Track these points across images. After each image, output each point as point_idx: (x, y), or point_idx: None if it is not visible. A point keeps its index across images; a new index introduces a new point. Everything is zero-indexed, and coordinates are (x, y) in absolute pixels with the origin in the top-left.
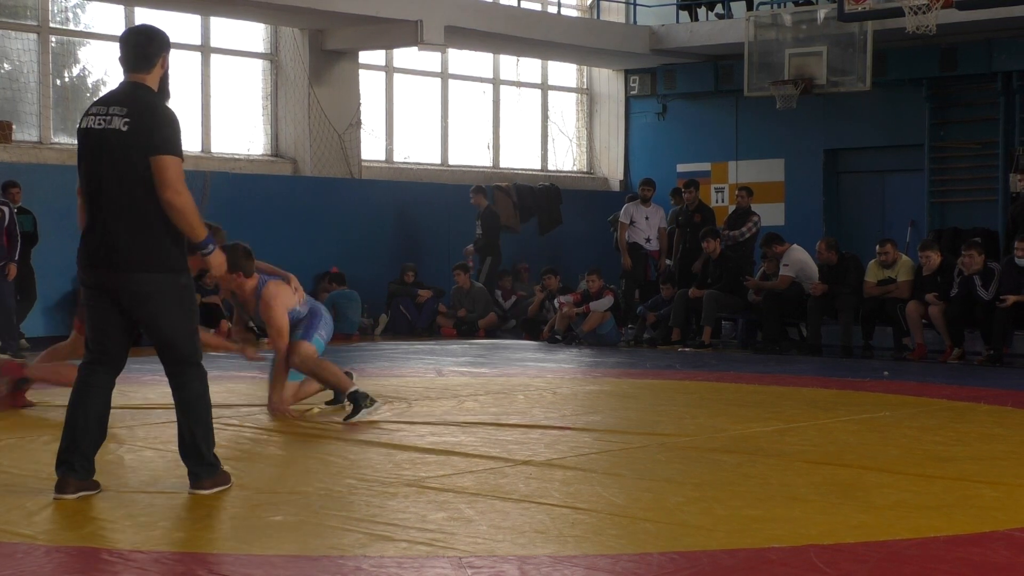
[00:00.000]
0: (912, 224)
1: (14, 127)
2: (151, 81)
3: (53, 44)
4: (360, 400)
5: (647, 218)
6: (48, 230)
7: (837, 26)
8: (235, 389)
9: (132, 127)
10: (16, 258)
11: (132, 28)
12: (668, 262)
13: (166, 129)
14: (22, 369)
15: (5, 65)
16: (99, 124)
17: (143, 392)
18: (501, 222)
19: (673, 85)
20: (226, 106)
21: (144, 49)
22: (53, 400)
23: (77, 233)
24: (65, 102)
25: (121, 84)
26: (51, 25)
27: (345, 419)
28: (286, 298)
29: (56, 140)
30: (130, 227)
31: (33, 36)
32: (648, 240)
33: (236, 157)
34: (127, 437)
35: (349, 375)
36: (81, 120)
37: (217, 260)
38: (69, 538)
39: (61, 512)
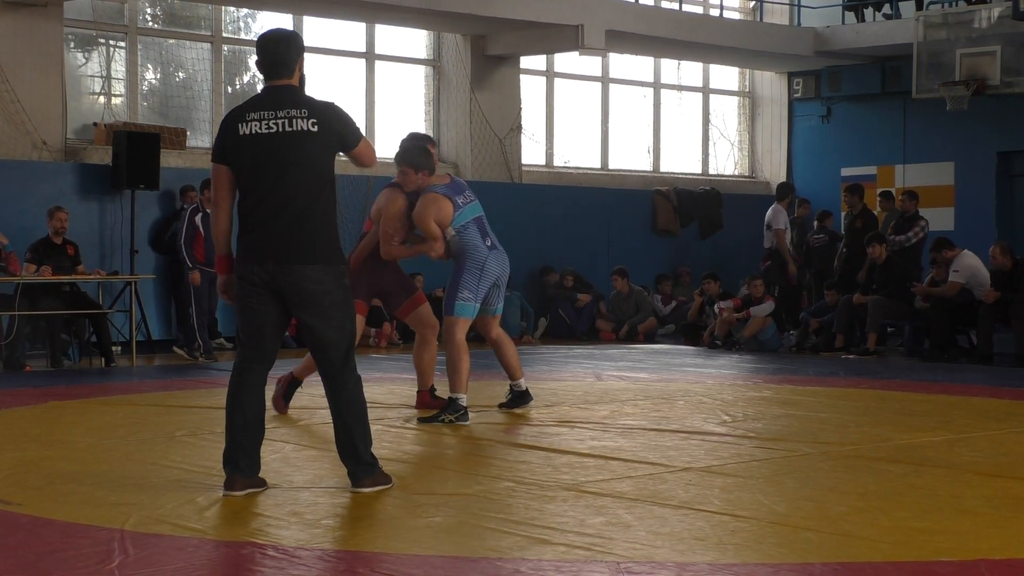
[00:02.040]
0: None
1: (188, 134)
2: (295, 84)
3: (225, 53)
4: (451, 409)
5: (790, 222)
6: None
7: (1011, 24)
8: (396, 391)
9: (322, 126)
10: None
11: (268, 35)
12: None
13: (351, 123)
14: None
15: (180, 74)
16: (272, 128)
17: (308, 391)
18: (660, 226)
19: (838, 87)
20: (389, 111)
21: (284, 56)
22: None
23: None
24: None
25: (273, 89)
26: (224, 35)
27: (420, 419)
28: (439, 209)
29: None
30: (311, 222)
31: (207, 46)
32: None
33: None
34: (293, 436)
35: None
36: (238, 127)
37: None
38: (237, 534)
39: (229, 508)
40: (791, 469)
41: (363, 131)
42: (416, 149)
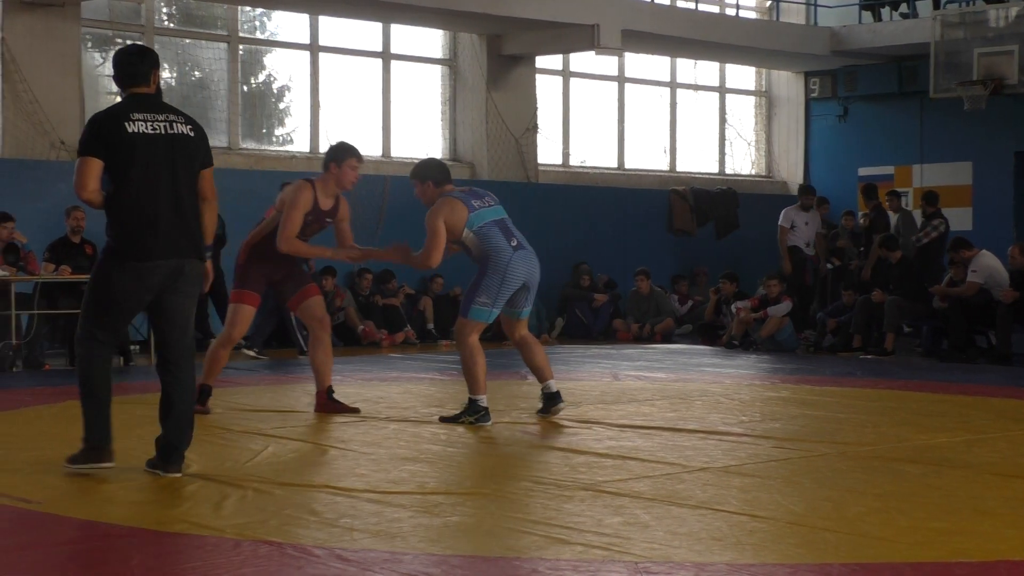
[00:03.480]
0: None
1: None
2: (153, 92)
3: (241, 52)
4: (471, 411)
5: (807, 223)
6: (235, 232)
7: None
8: (412, 390)
9: (196, 134)
10: None
11: (125, 50)
12: (828, 266)
13: (208, 145)
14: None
15: (196, 74)
16: (159, 129)
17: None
18: (676, 226)
19: (855, 87)
20: (405, 111)
21: (138, 67)
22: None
23: None
24: (252, 108)
25: (141, 95)
26: (240, 35)
27: (442, 417)
28: (451, 211)
29: (244, 145)
30: (197, 218)
31: (223, 45)
32: (807, 244)
33: (415, 161)
34: (310, 435)
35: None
36: (124, 125)
37: (211, 267)
38: (255, 532)
39: (248, 507)
40: (809, 469)
41: (380, 131)
42: (423, 163)
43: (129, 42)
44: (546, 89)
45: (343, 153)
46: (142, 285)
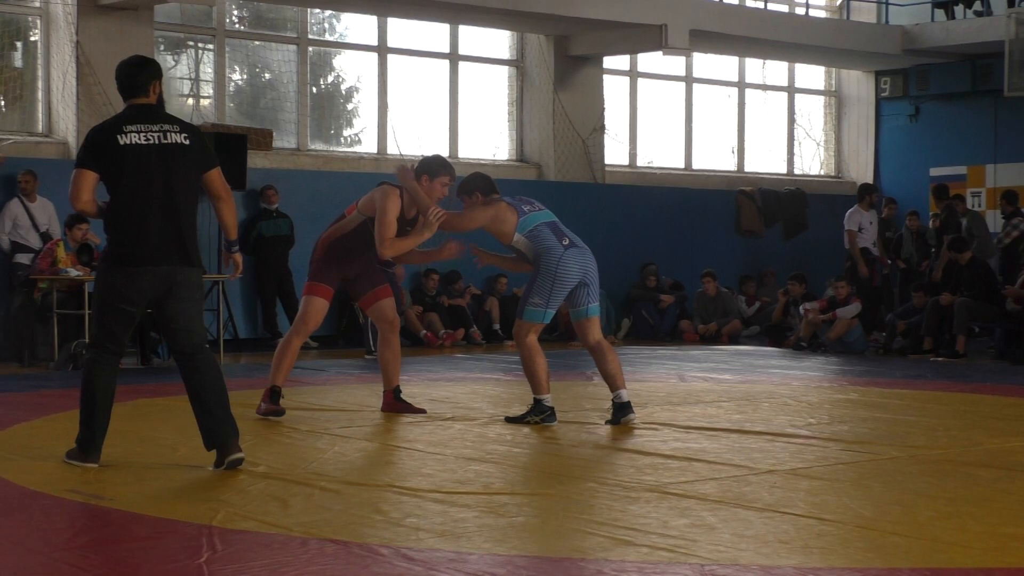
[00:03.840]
0: None
1: (274, 134)
2: (154, 103)
3: (311, 54)
4: (536, 411)
5: (871, 223)
6: (304, 233)
7: None
8: (479, 391)
9: (192, 142)
10: None
11: (126, 61)
12: (888, 260)
13: (210, 146)
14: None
15: (266, 75)
16: (152, 139)
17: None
18: (744, 227)
19: (926, 86)
20: (473, 112)
21: (136, 78)
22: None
23: None
24: (320, 109)
25: (139, 106)
26: (309, 36)
27: (507, 417)
28: (503, 218)
29: (312, 147)
30: (192, 227)
31: (293, 47)
32: (873, 244)
33: (482, 162)
34: (377, 435)
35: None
36: (116, 138)
37: (239, 258)
38: (321, 531)
39: (313, 505)
40: (878, 473)
41: (447, 132)
42: (466, 178)
43: (200, 45)
44: (613, 89)
45: (439, 168)
46: (132, 287)
